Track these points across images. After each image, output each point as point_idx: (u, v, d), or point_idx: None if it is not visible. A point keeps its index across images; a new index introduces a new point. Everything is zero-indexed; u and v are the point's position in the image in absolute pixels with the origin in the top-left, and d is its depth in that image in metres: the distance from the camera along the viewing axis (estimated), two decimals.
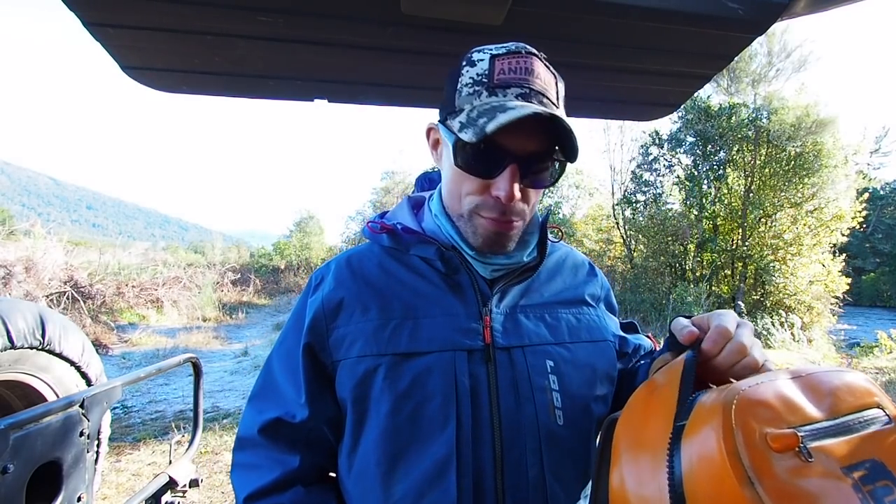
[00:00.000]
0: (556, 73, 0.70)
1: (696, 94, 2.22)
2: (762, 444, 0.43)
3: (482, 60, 0.67)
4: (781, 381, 0.50)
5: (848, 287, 10.75)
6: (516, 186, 0.66)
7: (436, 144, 0.77)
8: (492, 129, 0.60)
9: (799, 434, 0.44)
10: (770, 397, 0.47)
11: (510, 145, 0.64)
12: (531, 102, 0.63)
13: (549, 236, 0.81)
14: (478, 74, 0.66)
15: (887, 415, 0.50)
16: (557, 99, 0.68)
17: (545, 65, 0.68)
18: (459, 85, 0.67)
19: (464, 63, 0.69)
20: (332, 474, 0.78)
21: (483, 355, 0.69)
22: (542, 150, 0.66)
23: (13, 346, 1.49)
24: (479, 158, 0.66)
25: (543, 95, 0.65)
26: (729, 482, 0.41)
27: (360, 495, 0.69)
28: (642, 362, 0.85)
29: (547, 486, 0.67)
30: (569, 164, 0.72)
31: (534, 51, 0.68)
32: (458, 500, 0.63)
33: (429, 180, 0.93)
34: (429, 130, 0.78)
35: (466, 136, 0.63)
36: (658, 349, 0.88)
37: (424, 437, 0.66)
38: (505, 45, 0.68)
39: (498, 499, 0.65)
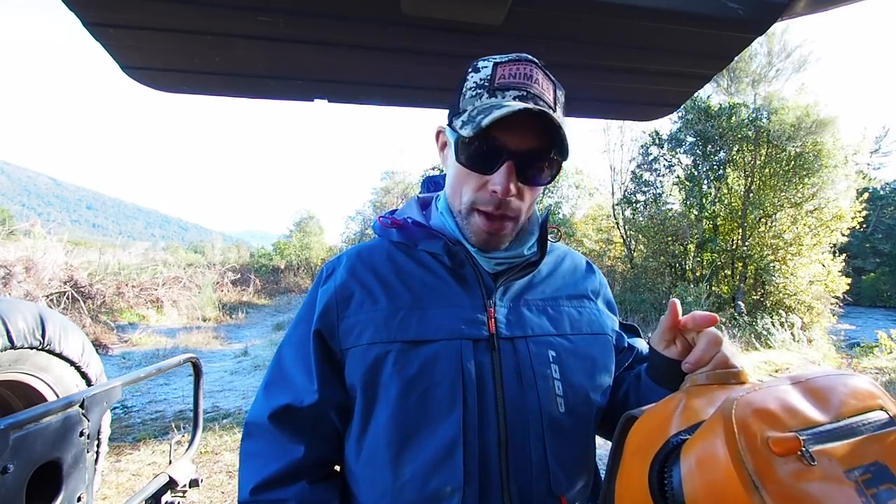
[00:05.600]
0: (556, 82, 0.74)
1: (696, 94, 2.22)
2: (764, 449, 0.42)
3: (486, 67, 0.72)
4: (782, 387, 0.50)
5: (848, 287, 10.74)
6: (512, 182, 0.70)
7: (443, 146, 0.81)
8: (486, 123, 0.65)
9: (801, 437, 0.43)
10: (770, 402, 0.47)
11: (507, 143, 0.69)
12: (527, 103, 0.67)
13: (549, 235, 0.84)
14: (481, 79, 0.72)
15: (890, 417, 0.49)
16: (555, 103, 0.72)
17: (545, 73, 0.73)
18: (464, 89, 0.73)
19: (470, 70, 0.75)
20: (336, 468, 0.80)
21: (488, 344, 0.72)
22: (538, 148, 0.70)
23: (13, 346, 1.49)
24: (478, 155, 0.70)
25: (540, 98, 0.70)
26: (733, 487, 0.41)
27: (369, 478, 0.72)
28: (637, 367, 0.87)
29: (550, 470, 0.70)
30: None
31: (535, 60, 0.72)
32: (465, 481, 0.66)
33: (434, 183, 0.97)
34: (438, 133, 0.82)
35: (465, 131, 0.68)
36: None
37: (432, 421, 0.69)
38: (509, 54, 0.73)
39: (503, 481, 0.68)
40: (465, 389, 0.69)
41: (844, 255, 11.15)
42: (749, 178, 11.28)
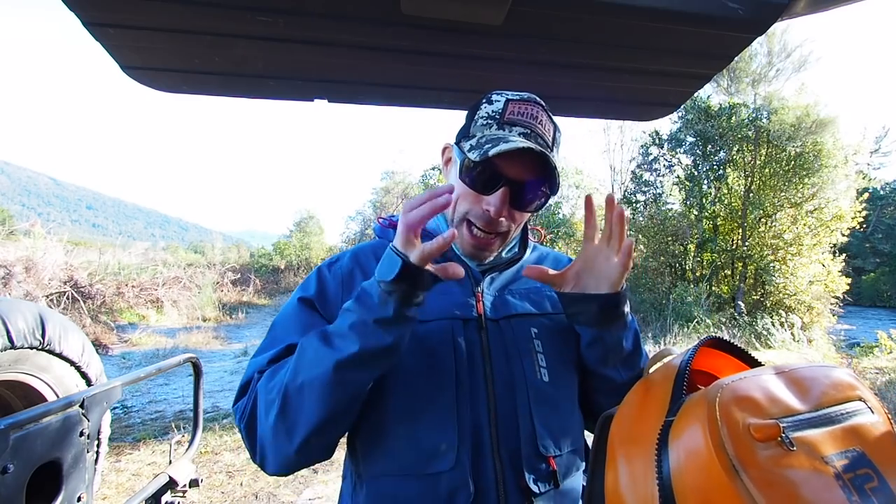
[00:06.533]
0: (556, 125, 0.85)
1: (696, 94, 2.22)
2: (746, 435, 0.45)
3: (499, 101, 0.82)
4: (765, 376, 0.52)
5: (848, 287, 10.74)
6: (504, 206, 0.79)
7: (447, 162, 0.90)
8: (493, 153, 0.73)
9: (781, 424, 0.46)
10: (753, 390, 0.49)
11: (507, 171, 0.78)
12: (530, 141, 0.77)
13: (530, 236, 0.98)
14: (493, 111, 0.81)
15: (869, 407, 0.52)
16: (553, 143, 0.83)
17: (549, 115, 0.83)
18: (476, 116, 0.82)
19: (483, 100, 0.84)
20: None
21: (476, 324, 0.83)
22: (532, 180, 0.80)
23: (13, 346, 1.49)
24: (480, 177, 0.79)
25: (541, 138, 0.80)
26: (715, 472, 0.44)
27: (371, 447, 0.79)
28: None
29: (537, 434, 0.78)
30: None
31: (542, 102, 0.83)
32: (459, 441, 0.74)
33: None
34: (444, 149, 0.91)
35: (473, 155, 0.77)
36: None
37: (428, 390, 0.77)
38: (521, 93, 0.83)
39: (493, 445, 0.76)
40: (457, 363, 0.78)
41: (844, 255, 11.15)
42: (749, 178, 11.28)
